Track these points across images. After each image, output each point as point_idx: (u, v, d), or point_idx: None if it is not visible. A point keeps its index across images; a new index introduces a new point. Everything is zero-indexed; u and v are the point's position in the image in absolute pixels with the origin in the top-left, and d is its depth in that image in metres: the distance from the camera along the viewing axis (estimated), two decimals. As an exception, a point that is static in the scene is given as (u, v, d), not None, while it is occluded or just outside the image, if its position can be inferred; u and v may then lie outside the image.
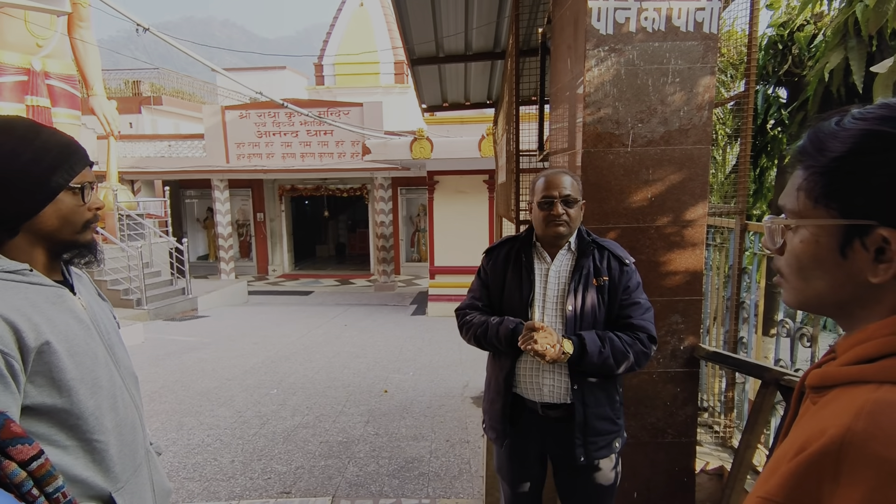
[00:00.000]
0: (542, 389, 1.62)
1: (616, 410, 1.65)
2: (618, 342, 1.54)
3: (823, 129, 0.58)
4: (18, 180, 0.90)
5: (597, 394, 1.60)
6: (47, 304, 0.91)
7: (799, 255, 0.60)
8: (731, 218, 2.85)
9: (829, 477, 0.48)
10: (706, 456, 2.71)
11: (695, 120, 1.97)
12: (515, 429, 1.69)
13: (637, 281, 1.63)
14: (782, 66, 4.77)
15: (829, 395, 0.56)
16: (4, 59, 6.88)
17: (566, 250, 1.66)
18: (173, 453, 3.58)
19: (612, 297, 1.61)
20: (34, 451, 0.68)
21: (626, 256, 1.64)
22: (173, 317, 9.18)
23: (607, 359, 1.52)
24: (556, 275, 1.65)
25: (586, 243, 1.64)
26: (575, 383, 1.57)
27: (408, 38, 4.22)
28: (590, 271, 1.60)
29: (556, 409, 1.62)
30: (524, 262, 1.67)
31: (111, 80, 16.42)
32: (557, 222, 1.58)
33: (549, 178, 1.61)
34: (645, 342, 1.57)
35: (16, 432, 0.67)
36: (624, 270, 1.61)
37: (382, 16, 16.53)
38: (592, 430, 1.59)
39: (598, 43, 1.92)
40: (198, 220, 16.17)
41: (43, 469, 0.68)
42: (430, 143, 9.36)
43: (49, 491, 0.69)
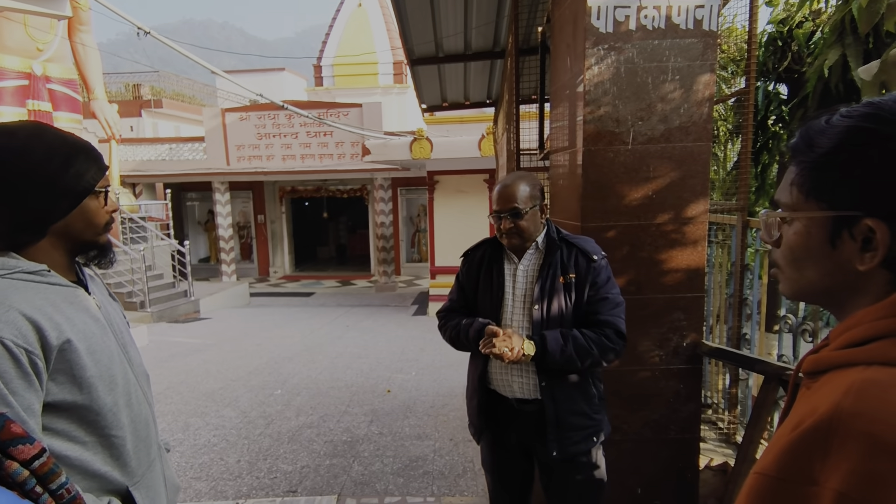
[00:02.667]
0: (512, 386, 1.66)
1: (592, 405, 1.66)
2: (581, 339, 1.55)
3: (813, 127, 0.61)
4: (52, 184, 0.92)
5: (568, 389, 1.62)
6: (66, 303, 0.93)
7: (793, 246, 0.64)
8: (732, 215, 2.86)
9: (820, 452, 0.51)
10: (710, 452, 2.72)
11: (695, 117, 1.98)
12: (494, 423, 1.73)
13: (606, 276, 1.64)
14: (782, 63, 4.79)
15: (822, 379, 0.59)
16: (5, 64, 6.90)
17: (534, 249, 1.69)
18: (180, 453, 3.60)
19: (580, 293, 1.61)
20: (35, 451, 0.69)
21: (594, 252, 1.64)
22: (176, 319, 9.21)
23: (570, 356, 1.54)
24: (524, 274, 1.68)
25: (553, 241, 1.66)
26: (543, 380, 1.60)
27: (407, 38, 4.23)
28: (556, 270, 1.62)
29: (529, 404, 1.65)
30: (495, 264, 1.71)
31: (112, 84, 16.46)
32: (508, 236, 1.63)
33: (499, 190, 1.64)
34: (611, 337, 1.58)
35: (16, 433, 0.68)
36: (591, 267, 1.61)
37: (381, 16, 16.55)
38: (566, 426, 1.61)
39: (597, 41, 1.93)
40: (199, 223, 16.20)
41: (45, 467, 0.70)
42: (430, 143, 9.38)
43: (53, 487, 0.70)
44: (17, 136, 0.92)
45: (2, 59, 6.82)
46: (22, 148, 0.91)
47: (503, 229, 1.62)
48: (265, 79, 17.93)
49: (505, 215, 1.60)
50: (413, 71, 5.13)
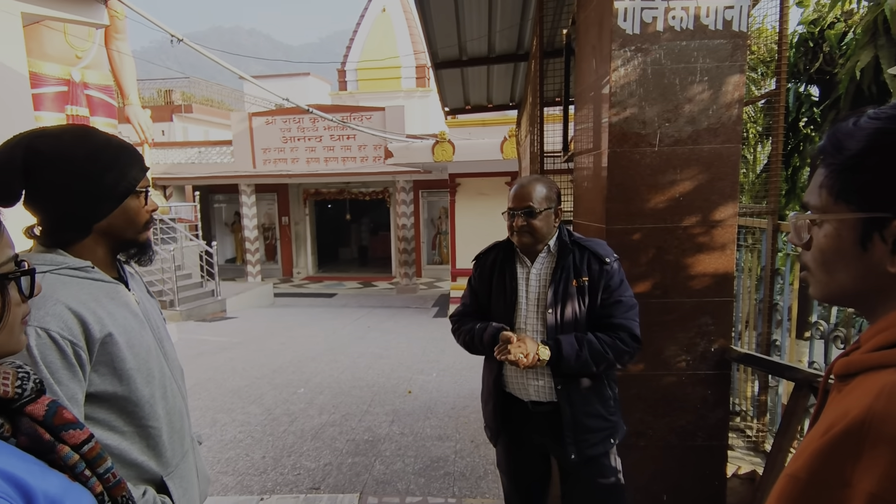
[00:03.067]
0: (527, 389, 1.67)
1: (608, 407, 1.66)
2: (596, 343, 1.55)
3: (841, 129, 0.61)
4: (96, 184, 0.97)
5: (584, 392, 1.62)
6: (107, 298, 0.98)
7: (823, 249, 0.63)
8: (762, 218, 2.80)
9: (852, 455, 0.50)
10: (738, 460, 2.66)
11: (723, 119, 1.96)
12: (511, 426, 1.74)
13: (619, 279, 1.63)
14: (814, 64, 4.67)
15: (853, 382, 0.59)
16: (46, 71, 7.18)
17: (546, 253, 1.69)
18: (208, 448, 3.68)
19: (593, 296, 1.61)
20: (85, 436, 0.72)
21: (607, 255, 1.64)
22: (204, 318, 9.42)
23: (585, 361, 1.54)
24: (537, 277, 1.68)
25: (565, 245, 1.66)
26: (559, 383, 1.61)
27: (431, 42, 4.27)
28: (569, 273, 1.62)
29: (544, 406, 1.66)
30: (507, 268, 1.72)
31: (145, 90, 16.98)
32: (520, 233, 1.64)
33: (516, 189, 1.66)
34: (626, 341, 1.58)
35: (68, 418, 0.71)
36: (604, 269, 1.61)
37: (404, 21, 16.68)
38: (582, 428, 1.61)
39: (623, 43, 1.92)
40: (226, 224, 16.55)
41: (93, 451, 0.73)
42: (452, 145, 9.40)
43: (100, 472, 0.74)
44: (63, 138, 0.96)
45: (43, 66, 7.10)
46: (70, 150, 0.95)
47: (515, 226, 1.63)
48: (291, 83, 18.26)
49: (519, 213, 1.62)
50: (436, 74, 5.16)
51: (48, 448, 0.68)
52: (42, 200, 0.95)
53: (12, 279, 0.67)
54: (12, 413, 0.67)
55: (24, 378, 0.68)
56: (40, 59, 7.03)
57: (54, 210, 0.95)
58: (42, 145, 0.92)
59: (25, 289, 0.70)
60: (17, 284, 0.68)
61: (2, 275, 0.65)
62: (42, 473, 0.64)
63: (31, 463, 0.65)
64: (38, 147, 0.92)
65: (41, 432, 0.67)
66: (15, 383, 0.66)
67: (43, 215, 0.97)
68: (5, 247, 0.66)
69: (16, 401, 0.66)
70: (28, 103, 4.63)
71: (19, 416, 0.67)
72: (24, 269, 0.69)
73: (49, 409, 0.69)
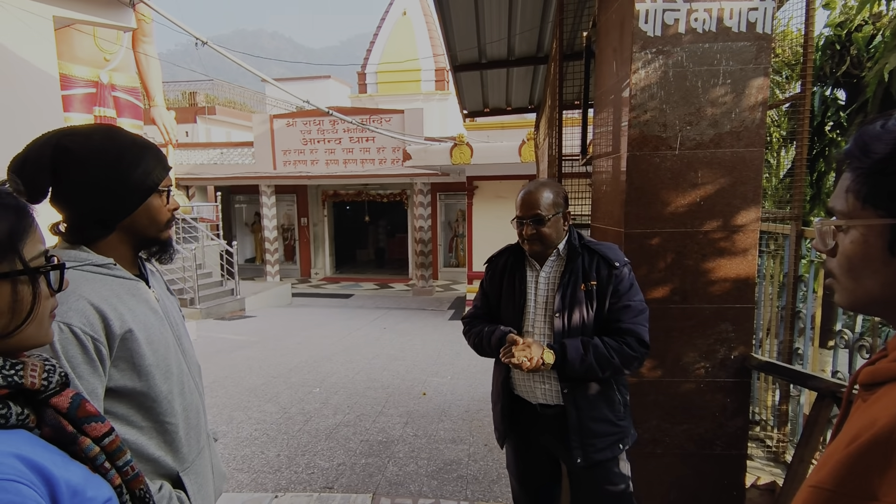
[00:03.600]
0: (535, 392, 1.67)
1: (617, 412, 1.64)
2: (602, 348, 1.54)
3: (868, 132, 0.59)
4: (121, 182, 0.99)
5: (590, 396, 1.60)
6: (129, 295, 1.00)
7: (850, 255, 0.61)
8: (786, 224, 2.74)
9: (879, 466, 0.49)
10: (757, 470, 2.61)
11: (747, 122, 1.92)
12: (519, 428, 1.74)
13: (629, 283, 1.61)
14: (840, 67, 4.56)
15: (879, 391, 0.57)
16: (75, 73, 7.39)
17: (556, 256, 1.68)
18: (224, 445, 3.73)
19: (601, 301, 1.60)
20: (106, 428, 0.74)
21: (617, 259, 1.62)
22: (223, 316, 9.56)
23: (590, 365, 1.53)
24: (546, 281, 1.67)
25: (574, 249, 1.65)
26: (565, 387, 1.60)
27: (451, 45, 4.28)
28: (577, 277, 1.61)
29: (552, 409, 1.66)
30: (518, 271, 1.72)
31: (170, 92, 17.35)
32: (529, 241, 1.63)
33: (522, 196, 1.64)
34: (634, 346, 1.56)
35: (90, 411, 0.73)
36: (613, 274, 1.59)
37: (424, 24, 16.76)
38: (589, 432, 1.59)
39: (645, 45, 1.90)
40: (246, 225, 16.79)
41: (114, 444, 0.74)
42: (470, 148, 9.41)
43: (119, 464, 0.75)
44: (92, 137, 0.98)
45: (73, 68, 7.30)
46: (97, 149, 0.97)
47: (525, 235, 1.63)
48: (311, 86, 18.46)
49: (527, 221, 1.61)
50: (456, 77, 5.17)
51: (70, 439, 0.69)
52: (68, 198, 0.97)
53: (42, 273, 0.69)
54: (38, 404, 0.68)
55: (51, 371, 0.70)
56: (70, 61, 7.24)
57: (79, 207, 0.98)
58: (71, 144, 0.94)
59: (54, 283, 0.71)
60: (46, 278, 0.70)
61: (33, 268, 0.67)
62: (64, 464, 0.66)
63: (55, 453, 0.66)
64: (67, 145, 0.94)
65: (64, 424, 0.69)
66: (42, 375, 0.68)
67: (68, 212, 0.99)
68: (37, 242, 0.68)
69: (42, 392, 0.68)
70: (58, 104, 4.77)
71: (44, 408, 0.69)
72: (53, 263, 0.70)
73: (73, 402, 0.71)
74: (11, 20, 4.19)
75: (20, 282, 0.65)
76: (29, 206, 0.68)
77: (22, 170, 0.90)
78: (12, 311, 0.65)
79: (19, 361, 0.66)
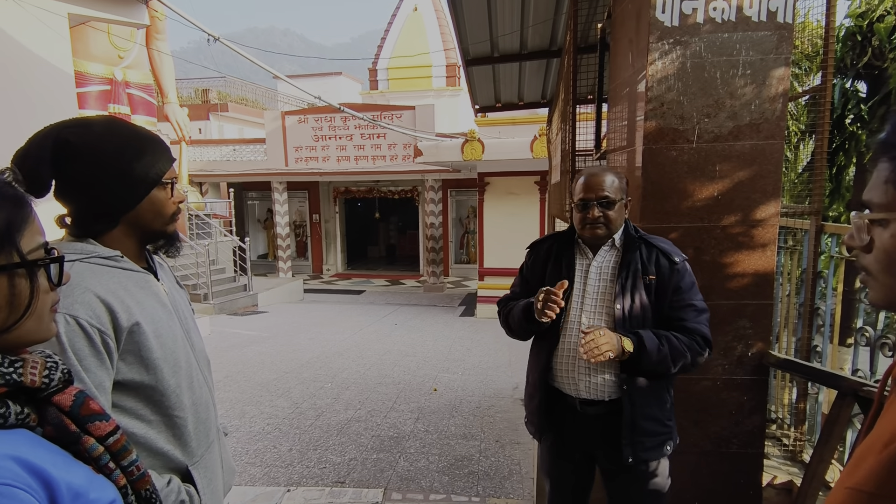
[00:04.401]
0: (577, 385, 1.58)
1: (665, 412, 1.60)
2: (675, 341, 1.49)
3: None
4: (123, 175, 0.97)
5: (646, 394, 1.55)
6: (136, 288, 0.99)
7: (888, 250, 0.58)
8: (804, 219, 2.68)
9: None
10: (774, 469, 2.56)
11: (767, 114, 1.88)
12: (556, 424, 1.66)
13: (690, 281, 1.55)
14: (861, 59, 4.44)
15: None
16: (90, 70, 7.48)
17: (609, 246, 1.62)
18: (236, 439, 3.76)
19: (661, 297, 1.54)
20: (111, 427, 0.71)
21: (675, 254, 1.56)
22: (236, 311, 9.64)
23: (665, 358, 1.47)
24: (598, 271, 1.60)
25: (632, 239, 1.59)
26: (625, 383, 1.53)
27: (463, 38, 4.25)
28: (637, 269, 1.54)
29: (594, 406, 1.58)
30: (565, 257, 1.65)
31: (183, 89, 17.48)
32: (594, 225, 1.55)
33: (587, 178, 1.57)
34: (701, 344, 1.51)
35: (94, 409, 0.70)
36: (674, 269, 1.53)
37: (435, 20, 16.69)
38: (640, 430, 1.54)
39: (662, 35, 1.86)
40: (259, 221, 16.91)
41: (118, 444, 0.72)
42: (482, 144, 9.36)
43: (124, 464, 0.73)
44: (93, 129, 0.97)
45: (87, 66, 7.39)
46: (98, 141, 0.96)
47: (591, 217, 1.54)
48: (323, 83, 18.50)
49: (594, 203, 1.54)
50: (467, 71, 5.13)
51: (73, 439, 0.67)
52: (71, 190, 0.96)
53: (41, 266, 0.66)
54: (39, 402, 0.66)
55: (53, 368, 0.68)
56: (85, 58, 7.32)
57: (83, 200, 0.97)
58: (71, 136, 0.93)
59: (55, 277, 0.69)
60: (46, 272, 0.68)
61: (31, 261, 0.64)
62: (66, 465, 0.64)
63: (56, 454, 0.64)
64: (68, 138, 0.93)
65: (67, 423, 0.67)
66: (43, 373, 0.66)
67: (73, 205, 0.98)
68: (35, 234, 0.66)
69: (43, 390, 0.66)
70: (73, 102, 4.82)
71: (46, 406, 0.67)
72: (53, 256, 0.68)
73: (76, 400, 0.69)
74: (27, 18, 4.23)
75: (17, 275, 0.63)
76: (27, 196, 0.66)
77: (24, 163, 0.89)
78: (10, 305, 0.62)
79: (19, 358, 0.64)
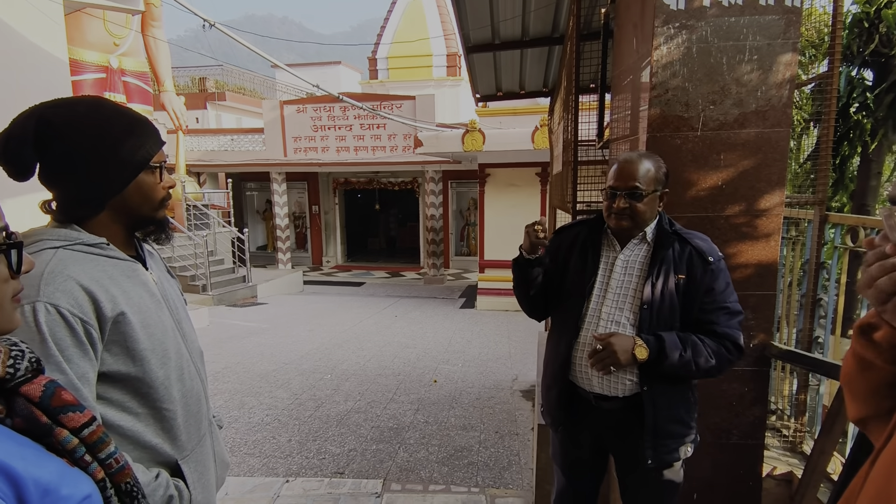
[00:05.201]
0: (591, 381, 1.54)
1: (690, 412, 1.54)
2: (701, 347, 1.41)
3: None
4: (108, 156, 0.93)
5: (669, 395, 1.49)
6: (123, 276, 0.95)
7: None
8: (808, 209, 2.65)
9: None
10: (773, 460, 2.55)
11: (773, 101, 1.84)
12: (572, 416, 1.62)
13: (725, 282, 1.46)
14: (868, 46, 4.39)
15: None
16: (85, 58, 7.40)
17: (639, 240, 1.53)
18: (235, 430, 3.75)
19: (691, 298, 1.45)
20: (85, 419, 0.69)
21: (710, 253, 1.47)
22: (235, 303, 9.62)
23: (687, 363, 1.40)
24: (624, 265, 1.53)
25: (666, 234, 1.50)
26: (645, 384, 1.47)
27: (463, 23, 4.18)
28: (669, 267, 1.46)
29: (609, 401, 1.53)
30: (591, 247, 1.58)
31: (179, 78, 17.33)
32: (619, 216, 1.48)
33: (620, 164, 1.48)
34: (732, 350, 1.44)
35: (67, 400, 0.67)
36: (708, 270, 1.44)
37: (435, 8, 16.53)
38: (663, 433, 1.48)
39: (667, 19, 1.82)
40: (257, 212, 16.86)
41: (94, 436, 0.69)
42: (482, 135, 9.29)
43: (101, 457, 0.70)
44: (76, 109, 0.93)
45: (83, 53, 7.31)
46: (82, 120, 0.92)
47: (615, 208, 1.46)
48: (322, 72, 18.34)
49: (621, 193, 1.45)
50: (468, 59, 5.06)
51: (45, 431, 0.64)
52: (55, 173, 0.92)
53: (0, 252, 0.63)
54: (7, 393, 0.63)
55: (18, 357, 0.65)
56: (80, 46, 7.24)
57: (67, 183, 0.93)
58: (54, 116, 0.90)
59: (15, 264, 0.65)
60: (6, 259, 0.64)
61: None
62: (37, 458, 0.61)
63: (26, 447, 0.62)
64: (50, 118, 0.89)
65: (37, 414, 0.64)
66: (6, 362, 0.63)
67: (57, 189, 0.94)
68: None
69: (9, 380, 0.63)
70: (68, 90, 4.75)
71: (14, 397, 0.64)
72: (12, 242, 0.64)
73: (46, 390, 0.66)
74: (22, 5, 4.17)
75: None
76: None
77: (6, 146, 0.86)
78: None
79: None
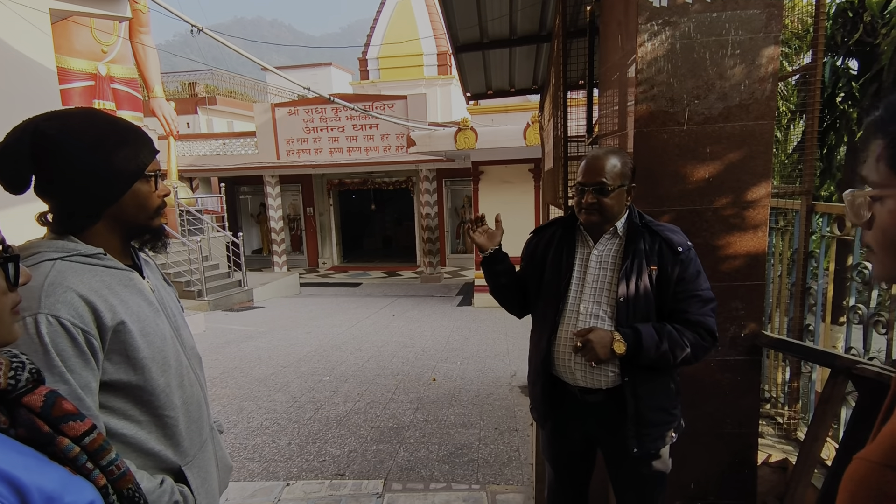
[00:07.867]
0: (574, 374, 1.56)
1: (672, 400, 1.58)
2: (677, 336, 1.45)
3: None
4: (104, 167, 0.95)
5: (650, 385, 1.52)
6: (120, 286, 0.96)
7: (886, 227, 0.58)
8: (795, 199, 2.68)
9: None
10: (768, 448, 2.58)
11: (757, 94, 1.86)
12: (558, 411, 1.65)
13: (695, 270, 1.50)
14: (853, 36, 4.43)
15: None
16: (73, 66, 7.36)
17: (611, 234, 1.57)
18: (234, 435, 3.76)
19: (664, 288, 1.48)
20: (86, 427, 0.70)
21: (680, 243, 1.50)
22: (231, 307, 9.61)
23: (665, 354, 1.44)
24: (598, 259, 1.57)
25: (636, 228, 1.54)
26: (626, 375, 1.50)
27: (451, 23, 4.19)
28: (641, 259, 1.50)
29: (593, 394, 1.56)
30: (566, 244, 1.61)
31: (169, 83, 17.25)
32: (588, 211, 1.52)
33: (587, 161, 1.53)
34: (706, 338, 1.48)
35: (67, 409, 0.69)
36: (678, 259, 1.47)
37: (425, 7, 16.50)
38: (646, 422, 1.52)
39: (651, 16, 1.84)
40: (252, 216, 16.81)
41: (96, 443, 0.71)
42: (475, 132, 9.31)
43: (103, 464, 0.71)
44: (72, 120, 0.94)
45: (71, 61, 7.27)
46: (77, 132, 0.93)
47: (584, 203, 1.50)
48: (312, 74, 18.32)
49: (589, 189, 1.49)
50: (458, 59, 5.08)
51: (47, 440, 0.66)
52: (51, 186, 0.93)
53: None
54: (10, 404, 0.65)
55: (19, 368, 0.66)
56: (68, 54, 7.20)
57: (63, 195, 0.94)
58: (49, 129, 0.91)
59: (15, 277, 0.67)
60: (4, 272, 0.65)
61: None
62: (40, 467, 0.63)
63: (29, 456, 0.63)
64: (45, 130, 0.90)
65: (39, 424, 0.65)
66: (8, 374, 0.64)
67: (53, 201, 0.96)
68: None
69: (10, 392, 0.64)
70: (56, 98, 4.73)
71: (17, 408, 0.65)
72: (9, 255, 0.65)
73: (47, 400, 0.67)
74: (8, 14, 4.15)
75: None
76: None
77: (2, 160, 0.87)
78: None
79: None
